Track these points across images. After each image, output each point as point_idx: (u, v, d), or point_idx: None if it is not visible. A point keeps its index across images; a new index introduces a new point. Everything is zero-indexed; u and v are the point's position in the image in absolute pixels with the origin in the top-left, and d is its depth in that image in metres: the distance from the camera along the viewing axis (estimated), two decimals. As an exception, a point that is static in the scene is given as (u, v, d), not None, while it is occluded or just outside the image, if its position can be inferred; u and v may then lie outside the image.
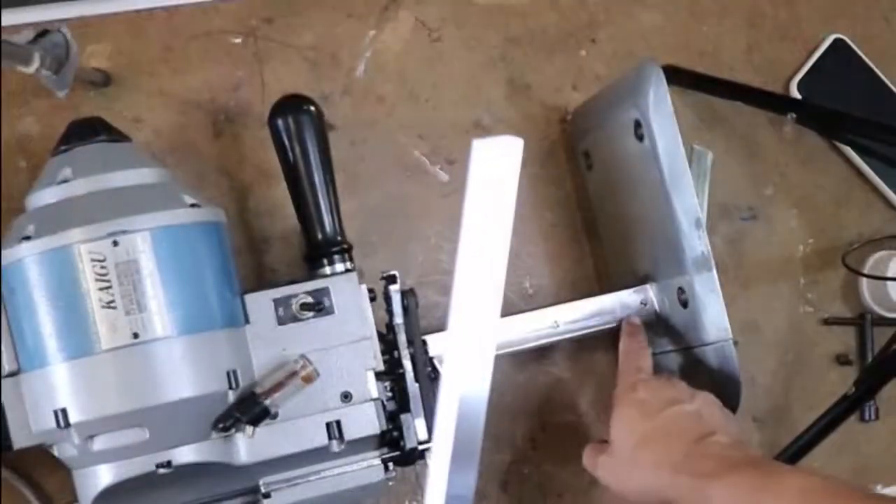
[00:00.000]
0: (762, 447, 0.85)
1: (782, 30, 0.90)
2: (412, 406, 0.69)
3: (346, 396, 0.67)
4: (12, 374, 0.64)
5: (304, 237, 0.71)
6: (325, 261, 0.69)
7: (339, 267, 0.69)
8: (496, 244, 0.38)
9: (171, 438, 0.63)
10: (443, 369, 0.39)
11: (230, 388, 0.63)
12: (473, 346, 0.39)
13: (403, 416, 0.69)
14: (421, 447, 0.69)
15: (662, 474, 0.64)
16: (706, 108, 0.87)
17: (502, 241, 0.38)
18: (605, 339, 0.83)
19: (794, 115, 0.84)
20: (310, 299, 0.67)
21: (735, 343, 0.72)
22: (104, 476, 0.64)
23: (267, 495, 0.67)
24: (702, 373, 0.75)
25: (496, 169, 0.37)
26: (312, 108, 0.70)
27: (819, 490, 0.59)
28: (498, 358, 0.79)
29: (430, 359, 0.71)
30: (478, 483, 0.42)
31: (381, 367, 0.68)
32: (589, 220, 0.84)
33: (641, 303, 0.78)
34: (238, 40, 0.80)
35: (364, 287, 0.69)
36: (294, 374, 0.65)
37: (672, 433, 0.66)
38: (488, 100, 0.84)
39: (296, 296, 0.67)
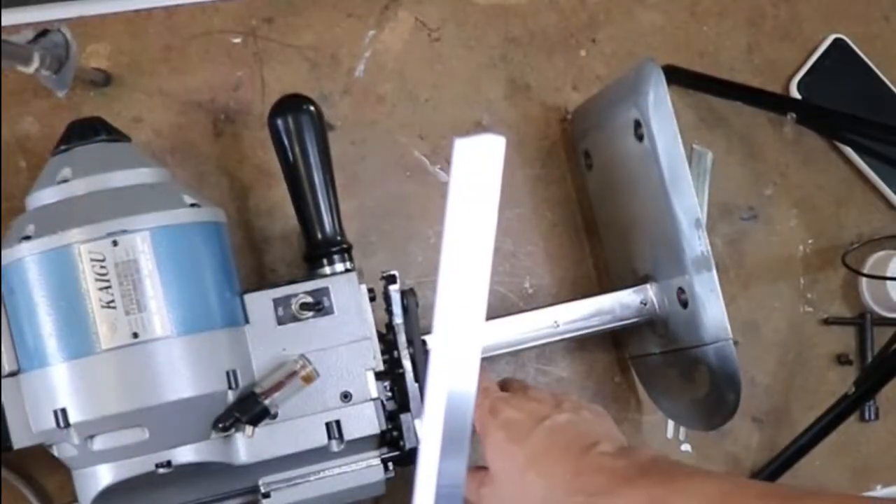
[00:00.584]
0: (762, 447, 0.85)
1: (782, 30, 0.90)
2: (412, 406, 0.69)
3: (346, 396, 0.67)
4: (12, 374, 0.64)
5: (304, 237, 0.71)
6: (325, 261, 0.69)
7: (339, 267, 0.69)
8: (480, 242, 0.38)
9: (170, 438, 0.63)
10: (429, 368, 0.39)
11: (230, 388, 0.63)
12: (459, 344, 0.39)
13: (403, 416, 0.69)
14: (421, 447, 0.68)
15: (555, 497, 0.60)
16: (706, 108, 0.87)
17: (486, 239, 0.38)
18: (606, 339, 0.83)
19: (794, 115, 0.84)
20: (309, 299, 0.67)
21: (735, 343, 0.72)
22: (104, 476, 0.64)
23: (267, 495, 0.67)
24: (702, 373, 0.75)
25: (479, 167, 0.37)
26: (312, 108, 0.70)
27: (721, 494, 0.55)
28: (498, 358, 0.80)
29: (430, 359, 0.71)
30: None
31: (381, 367, 0.68)
32: (589, 220, 0.84)
33: (641, 303, 0.78)
34: (238, 40, 0.80)
35: (364, 287, 0.69)
36: (294, 373, 0.65)
37: (554, 451, 0.62)
38: (488, 100, 0.84)
39: (295, 296, 0.67)
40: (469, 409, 0.39)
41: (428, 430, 0.39)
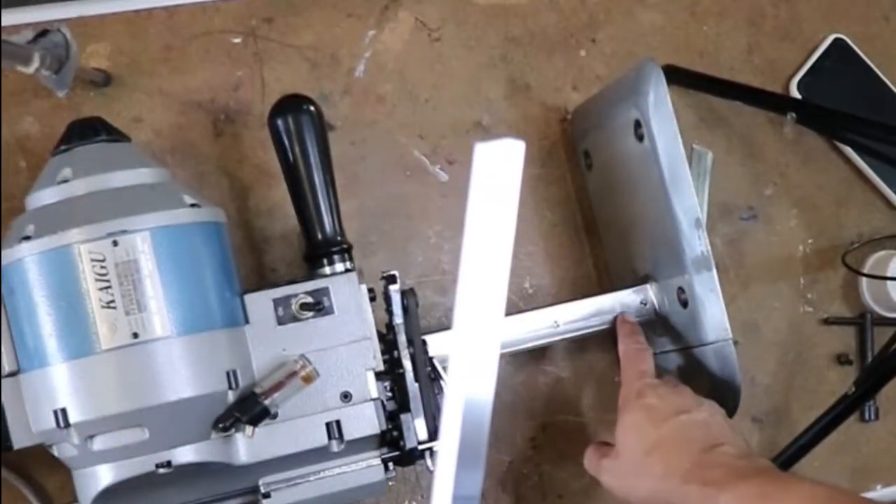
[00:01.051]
0: (762, 447, 0.85)
1: (782, 30, 0.90)
2: (412, 406, 0.69)
3: (346, 396, 0.67)
4: (12, 374, 0.64)
5: (304, 237, 0.71)
6: (325, 261, 0.69)
7: (339, 267, 0.69)
8: (500, 247, 0.38)
9: (170, 438, 0.63)
10: (448, 372, 0.39)
11: (230, 388, 0.63)
12: (478, 348, 0.39)
13: (403, 416, 0.69)
14: (421, 447, 0.69)
15: (671, 483, 0.65)
16: (706, 108, 0.87)
17: (506, 243, 0.38)
18: (605, 339, 0.83)
19: (794, 115, 0.84)
20: (310, 299, 0.67)
21: (735, 343, 0.72)
22: (104, 476, 0.64)
23: (267, 495, 0.67)
24: (701, 373, 0.75)
25: (499, 172, 0.37)
26: (312, 108, 0.70)
27: (825, 499, 0.59)
28: (498, 358, 0.80)
29: (430, 359, 0.71)
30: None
31: (381, 367, 0.68)
32: (589, 220, 0.84)
33: (641, 303, 0.78)
34: (238, 40, 0.80)
35: (364, 287, 0.69)
36: (294, 374, 0.65)
37: (681, 442, 0.66)
38: (488, 100, 0.84)
39: (295, 296, 0.67)
40: (486, 421, 0.40)
41: (445, 442, 0.39)
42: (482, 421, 0.39)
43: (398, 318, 0.69)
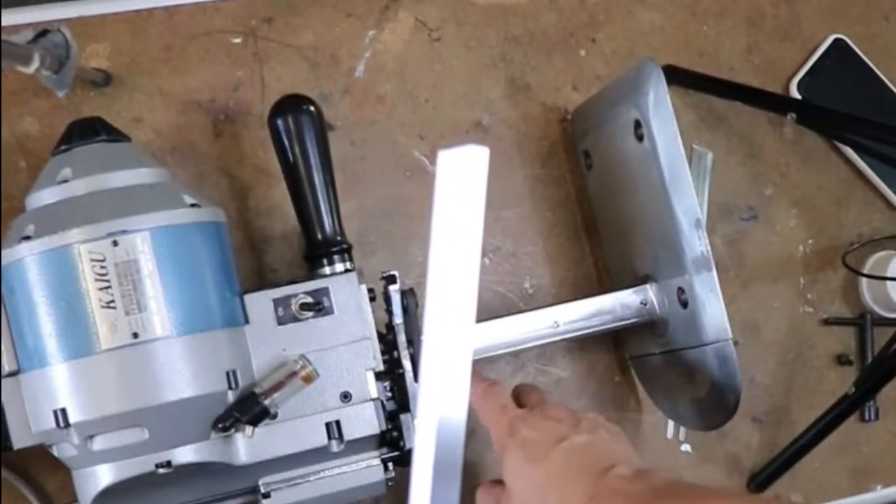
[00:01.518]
0: (762, 447, 0.85)
1: (782, 30, 0.90)
2: (412, 406, 0.69)
3: (346, 396, 0.67)
4: (12, 374, 0.64)
5: (304, 237, 0.71)
6: (325, 261, 0.69)
7: (339, 267, 0.69)
8: (467, 255, 0.38)
9: (170, 438, 0.63)
10: (419, 383, 0.38)
11: (230, 388, 0.63)
12: (449, 358, 0.38)
13: (403, 416, 0.69)
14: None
15: None
16: (706, 108, 0.87)
17: (473, 251, 0.38)
18: (605, 339, 0.83)
19: (794, 115, 0.84)
20: (309, 299, 0.67)
21: (735, 343, 0.72)
22: (104, 476, 0.64)
23: (267, 495, 0.67)
24: (701, 373, 0.75)
25: (463, 179, 0.36)
26: (312, 108, 0.70)
27: None
28: (498, 358, 0.80)
29: (430, 359, 0.71)
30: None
31: (381, 367, 0.68)
32: (589, 220, 0.84)
33: (641, 303, 0.78)
34: (238, 40, 0.80)
35: (364, 287, 0.69)
36: (294, 374, 0.65)
37: (571, 473, 0.62)
38: (488, 100, 0.84)
39: (295, 296, 0.67)
40: (460, 437, 0.39)
41: (419, 458, 0.39)
42: (456, 437, 0.39)
43: (398, 319, 0.69)
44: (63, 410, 0.61)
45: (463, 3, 0.84)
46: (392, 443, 0.69)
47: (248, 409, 0.64)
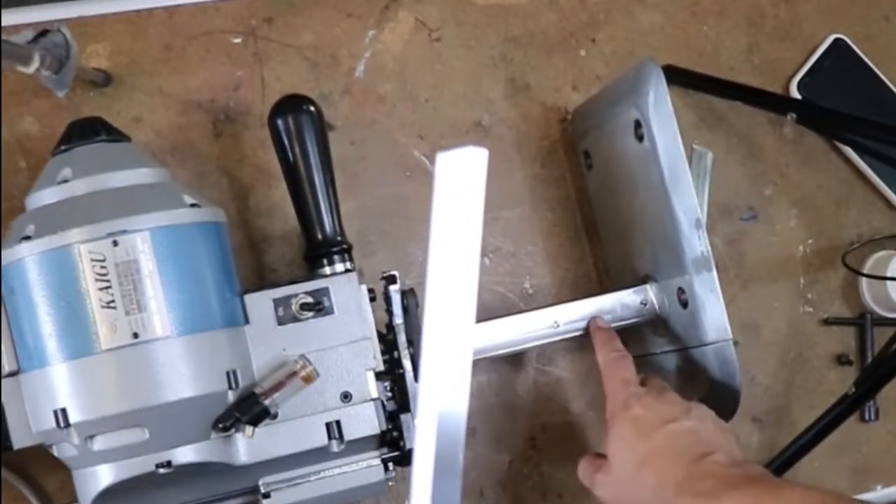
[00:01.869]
0: (762, 447, 0.85)
1: (782, 30, 0.90)
2: (412, 406, 0.69)
3: (346, 396, 0.67)
4: (12, 374, 0.64)
5: (304, 237, 0.71)
6: (325, 261, 0.69)
7: (339, 267, 0.69)
8: (466, 255, 0.38)
9: (170, 438, 0.63)
10: (419, 383, 0.39)
11: (230, 388, 0.63)
12: (449, 360, 0.38)
13: (403, 416, 0.69)
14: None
15: (664, 495, 0.64)
16: (706, 108, 0.87)
17: (472, 252, 0.38)
18: (605, 339, 0.83)
19: (794, 115, 0.84)
20: (310, 299, 0.67)
21: (735, 343, 0.72)
22: (104, 476, 0.64)
23: (267, 495, 0.67)
24: (701, 373, 0.75)
25: (462, 180, 0.36)
26: (312, 108, 0.70)
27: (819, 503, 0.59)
28: (498, 358, 0.80)
29: (430, 359, 0.71)
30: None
31: (381, 367, 0.68)
32: (589, 220, 0.84)
33: (641, 303, 0.78)
34: (238, 40, 0.80)
35: (364, 287, 0.69)
36: (294, 374, 0.65)
37: (672, 453, 0.66)
38: (488, 100, 0.84)
39: (296, 296, 0.67)
40: (461, 437, 0.39)
41: (420, 458, 0.39)
42: (456, 433, 0.39)
43: (398, 319, 0.69)
44: (63, 410, 0.61)
45: (463, 3, 0.84)
46: (392, 443, 0.69)
47: (249, 409, 0.64)
